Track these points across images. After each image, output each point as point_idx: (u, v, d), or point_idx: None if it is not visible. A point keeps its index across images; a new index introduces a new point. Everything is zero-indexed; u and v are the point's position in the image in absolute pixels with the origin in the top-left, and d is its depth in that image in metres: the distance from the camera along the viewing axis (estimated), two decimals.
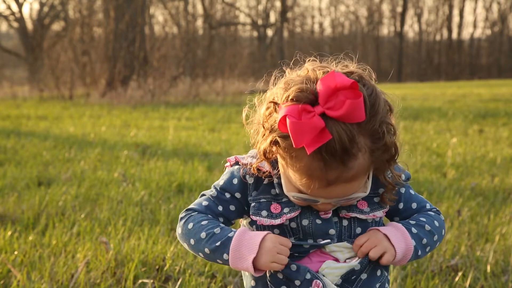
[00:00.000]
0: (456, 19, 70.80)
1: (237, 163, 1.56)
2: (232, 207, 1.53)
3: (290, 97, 1.32)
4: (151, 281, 2.66)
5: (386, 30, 57.72)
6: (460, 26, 49.47)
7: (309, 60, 1.45)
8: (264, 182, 1.50)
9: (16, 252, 3.01)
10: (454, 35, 49.65)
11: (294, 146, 1.29)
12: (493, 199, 4.29)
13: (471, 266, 2.88)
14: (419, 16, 50.40)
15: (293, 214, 1.46)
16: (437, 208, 1.62)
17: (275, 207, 1.48)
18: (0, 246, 3.11)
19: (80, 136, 8.32)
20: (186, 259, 2.93)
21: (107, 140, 7.80)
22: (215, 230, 1.46)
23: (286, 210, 1.47)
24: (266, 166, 1.48)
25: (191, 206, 1.56)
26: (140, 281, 2.67)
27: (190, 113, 12.63)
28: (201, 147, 7.08)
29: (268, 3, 43.44)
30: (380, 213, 1.50)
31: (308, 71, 1.39)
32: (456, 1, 51.02)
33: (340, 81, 1.28)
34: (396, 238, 1.48)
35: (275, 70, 1.46)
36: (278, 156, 1.41)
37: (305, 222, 1.46)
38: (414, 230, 1.51)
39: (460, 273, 2.73)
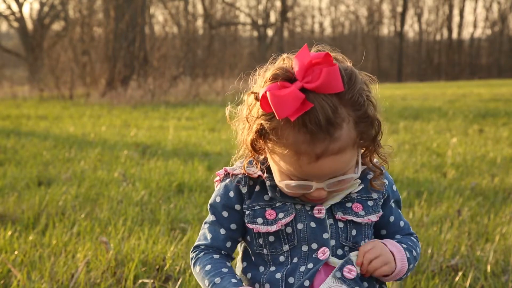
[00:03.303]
0: (456, 19, 70.85)
1: (226, 175, 1.57)
2: (233, 226, 1.53)
3: (268, 78, 1.36)
4: (151, 281, 2.66)
5: (386, 30, 57.70)
6: (460, 26, 49.47)
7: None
8: (256, 189, 1.51)
9: (16, 252, 3.01)
10: (454, 35, 49.68)
11: (277, 117, 1.30)
12: (493, 199, 4.29)
13: (471, 266, 2.88)
14: (419, 16, 50.40)
15: (288, 219, 1.47)
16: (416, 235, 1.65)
17: (270, 213, 1.48)
18: (0, 246, 3.11)
19: (80, 136, 8.32)
20: (186, 259, 2.93)
21: (107, 140, 7.80)
22: (215, 280, 1.47)
23: (280, 215, 1.47)
24: (254, 170, 1.50)
25: (198, 242, 1.57)
26: (140, 281, 2.67)
27: (190, 113, 12.62)
28: (201, 147, 7.08)
29: (268, 3, 43.42)
30: (374, 217, 1.52)
31: (283, 60, 1.44)
32: (456, 1, 51.04)
33: (314, 56, 1.33)
34: (399, 258, 1.49)
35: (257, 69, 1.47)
36: (266, 148, 1.42)
37: (300, 225, 1.47)
38: (407, 254, 1.53)
39: (460, 273, 2.73)
